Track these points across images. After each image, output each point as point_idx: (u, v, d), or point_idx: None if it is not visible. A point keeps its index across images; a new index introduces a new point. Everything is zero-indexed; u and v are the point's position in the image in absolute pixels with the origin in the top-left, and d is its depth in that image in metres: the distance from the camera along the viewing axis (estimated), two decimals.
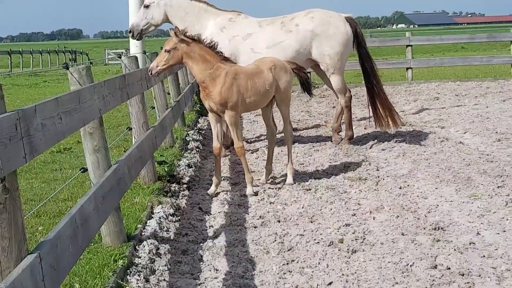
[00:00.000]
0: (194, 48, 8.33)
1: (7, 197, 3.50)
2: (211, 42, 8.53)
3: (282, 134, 9.63)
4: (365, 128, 13.27)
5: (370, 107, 11.91)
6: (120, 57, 9.48)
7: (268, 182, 9.22)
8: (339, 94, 11.63)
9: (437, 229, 6.76)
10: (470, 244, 6.29)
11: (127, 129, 9.67)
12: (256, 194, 8.63)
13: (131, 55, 10.71)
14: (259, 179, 9.34)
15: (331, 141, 11.93)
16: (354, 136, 11.94)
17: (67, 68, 5.90)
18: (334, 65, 11.35)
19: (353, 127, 12.10)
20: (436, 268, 5.77)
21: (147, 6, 11.29)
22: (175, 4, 11.35)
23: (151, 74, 8.41)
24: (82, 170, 6.24)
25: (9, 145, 3.48)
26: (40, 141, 3.96)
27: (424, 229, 6.80)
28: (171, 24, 11.38)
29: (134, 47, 12.01)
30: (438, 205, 7.65)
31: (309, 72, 13.85)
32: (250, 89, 8.51)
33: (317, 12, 11.49)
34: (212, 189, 8.79)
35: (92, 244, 6.04)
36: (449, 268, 5.73)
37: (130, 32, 11.26)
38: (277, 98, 8.89)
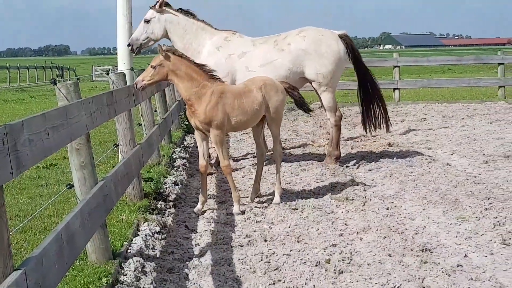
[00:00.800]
0: (180, 66, 8.35)
1: None
2: (197, 62, 8.58)
3: (271, 153, 9.58)
4: (351, 148, 13.29)
5: (363, 106, 12.03)
6: (107, 74, 9.43)
7: (255, 201, 9.18)
8: (329, 112, 11.64)
9: (424, 250, 6.74)
10: (457, 266, 6.27)
11: (113, 145, 9.62)
12: (243, 212, 8.59)
13: (118, 71, 10.65)
14: (246, 198, 9.30)
15: (319, 161, 11.93)
16: (341, 156, 11.94)
17: (55, 84, 5.87)
18: (327, 83, 11.40)
19: (341, 147, 12.11)
20: None
21: (147, 21, 11.46)
22: (175, 21, 11.51)
23: (136, 87, 8.44)
24: (68, 186, 6.19)
25: None
26: (27, 157, 3.92)
27: (412, 250, 6.78)
28: (169, 40, 11.59)
29: (122, 63, 11.95)
30: (425, 227, 7.65)
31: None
32: (237, 109, 8.49)
33: (309, 31, 11.57)
34: (198, 207, 8.75)
35: (78, 261, 5.98)
36: None
37: (129, 45, 11.24)
38: (267, 117, 8.86)
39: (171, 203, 9.04)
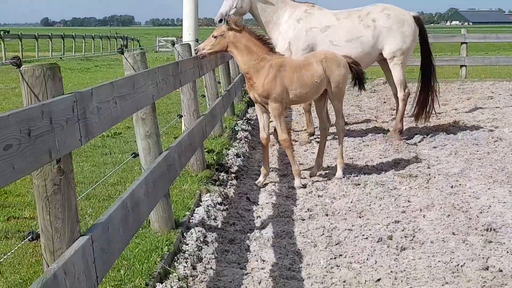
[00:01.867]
0: (241, 38, 8.36)
1: (62, 178, 3.51)
2: (260, 34, 8.57)
3: (334, 128, 9.51)
4: (416, 125, 13.07)
5: (418, 99, 12.26)
6: (173, 45, 9.48)
7: (317, 175, 9.14)
8: (399, 86, 11.79)
9: (489, 230, 6.61)
10: None
11: (178, 116, 9.70)
12: (304, 186, 8.57)
13: (184, 42, 10.70)
14: (309, 172, 9.28)
15: (383, 136, 11.87)
16: (406, 133, 11.84)
17: (122, 53, 5.91)
18: (402, 59, 11.69)
19: (404, 124, 12.03)
20: (487, 269, 5.65)
21: None
22: None
23: (196, 53, 8.53)
24: (133, 155, 6.25)
25: (66, 127, 3.48)
26: (95, 124, 3.97)
27: (476, 229, 6.67)
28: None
29: (187, 35, 12.00)
30: (490, 206, 7.49)
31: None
32: (295, 82, 8.43)
33: (392, 9, 11.80)
34: (260, 180, 8.76)
35: (141, 229, 6.05)
36: (501, 271, 5.61)
37: (221, 21, 11.02)
38: (329, 92, 8.78)
39: (233, 175, 9.08)
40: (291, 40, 11.28)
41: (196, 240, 6.17)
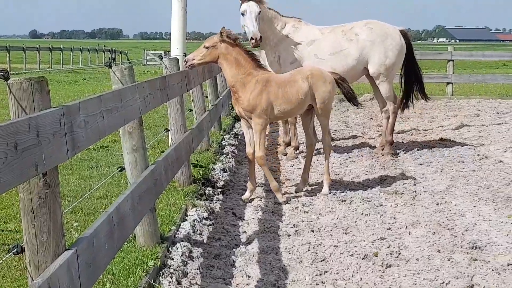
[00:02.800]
0: (232, 51, 8.42)
1: (48, 192, 3.50)
2: (250, 49, 8.72)
3: (321, 144, 9.53)
4: (402, 142, 13.13)
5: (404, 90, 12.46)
6: (161, 58, 9.50)
7: (303, 191, 9.15)
8: (388, 101, 11.95)
9: (474, 248, 6.64)
10: (508, 265, 6.16)
11: (165, 130, 9.69)
12: (286, 202, 8.56)
13: (171, 56, 10.70)
14: (295, 188, 9.29)
15: (370, 152, 11.93)
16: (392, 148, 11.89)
17: (110, 67, 5.91)
18: (387, 74, 11.75)
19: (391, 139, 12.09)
20: None
21: (259, 12, 11.06)
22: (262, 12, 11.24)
23: (185, 65, 8.55)
24: (120, 169, 6.24)
25: (53, 140, 3.48)
26: (82, 138, 3.96)
27: (461, 247, 6.69)
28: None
29: (175, 48, 12.01)
30: (476, 224, 7.52)
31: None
32: (280, 98, 8.48)
33: (375, 24, 11.91)
34: (246, 195, 8.76)
35: (126, 243, 6.03)
36: None
37: (253, 39, 10.90)
38: (315, 108, 8.81)
39: (219, 190, 9.07)
40: (280, 54, 11.40)
41: (182, 255, 6.16)
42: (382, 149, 11.88)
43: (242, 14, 11.01)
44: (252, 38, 10.81)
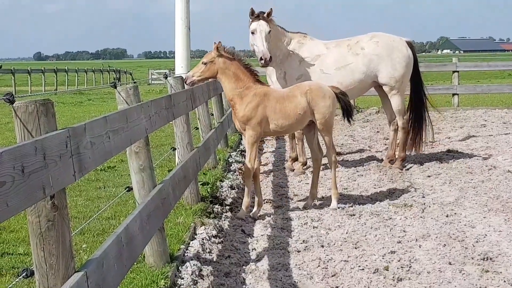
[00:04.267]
0: (230, 65, 8.53)
1: (56, 214, 3.50)
2: (248, 63, 8.79)
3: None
4: (410, 154, 13.09)
5: (412, 130, 12.17)
6: (166, 77, 9.51)
7: (311, 206, 9.12)
8: (398, 115, 11.89)
9: (485, 259, 6.59)
10: None
11: (171, 149, 9.69)
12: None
13: (176, 75, 10.72)
14: (303, 203, 9.26)
15: (377, 165, 11.90)
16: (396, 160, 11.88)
17: (115, 87, 5.91)
18: (398, 87, 11.72)
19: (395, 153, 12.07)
20: None
21: (269, 32, 11.10)
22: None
23: (185, 83, 8.68)
24: (127, 189, 6.23)
25: (59, 162, 3.47)
26: (89, 159, 3.96)
27: (472, 259, 6.64)
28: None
29: (180, 67, 12.05)
30: (486, 235, 7.47)
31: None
32: (278, 112, 8.55)
33: (381, 36, 11.90)
34: (254, 211, 8.74)
35: (135, 263, 6.00)
36: None
37: (270, 58, 10.94)
38: (316, 123, 8.79)
39: (227, 207, 9.05)
40: (286, 70, 11.43)
41: (192, 274, 6.13)
42: (390, 162, 11.85)
43: (252, 33, 11.03)
44: (261, 58, 10.85)
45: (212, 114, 13.66)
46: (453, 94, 22.02)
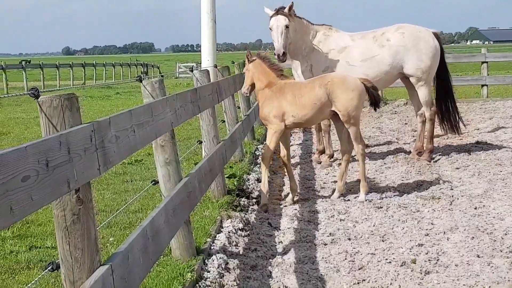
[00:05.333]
0: (257, 67, 8.99)
1: (81, 208, 3.50)
2: (273, 62, 9.32)
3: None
4: (438, 146, 12.97)
5: (441, 104, 12.23)
6: (191, 71, 9.52)
7: (339, 199, 9.08)
8: (425, 106, 11.78)
9: None
10: None
11: (197, 142, 9.71)
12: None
13: (202, 68, 10.72)
14: (331, 196, 9.23)
15: (405, 157, 11.83)
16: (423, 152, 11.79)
17: (141, 81, 5.92)
18: (425, 78, 11.63)
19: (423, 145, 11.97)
20: None
21: (287, 26, 11.06)
22: (292, 23, 11.23)
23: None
24: (153, 182, 6.24)
25: (84, 156, 3.48)
26: (113, 153, 3.96)
27: (501, 251, 6.56)
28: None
29: (206, 60, 12.05)
30: None
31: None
32: (296, 104, 8.72)
33: (407, 28, 11.80)
34: (289, 197, 9.00)
35: (162, 256, 6.02)
36: None
37: (283, 53, 10.93)
38: (339, 115, 8.75)
39: (254, 200, 9.04)
40: (312, 63, 11.40)
41: (218, 267, 6.13)
42: (418, 154, 11.76)
43: (270, 29, 11.04)
44: (275, 54, 10.92)
45: (239, 107, 13.65)
46: (482, 85, 21.79)
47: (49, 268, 3.58)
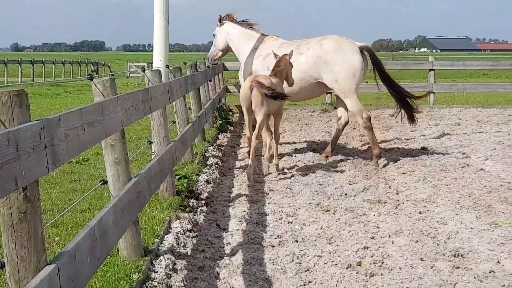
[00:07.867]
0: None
1: (28, 207, 3.49)
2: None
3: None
4: (385, 151, 13.17)
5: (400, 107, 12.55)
6: (143, 70, 9.48)
7: (287, 203, 9.17)
8: (356, 116, 12.07)
9: (456, 256, 6.66)
10: (490, 272, 6.19)
11: (147, 142, 9.67)
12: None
13: (154, 68, 10.68)
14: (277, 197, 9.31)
15: (353, 161, 12.00)
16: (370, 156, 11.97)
17: (92, 80, 5.89)
18: (344, 90, 11.86)
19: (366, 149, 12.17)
20: None
21: (214, 35, 13.43)
22: (231, 31, 13.28)
23: None
24: (102, 182, 6.21)
25: (33, 154, 3.46)
26: (63, 151, 3.94)
27: (444, 255, 6.71)
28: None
29: (158, 60, 12.01)
30: (458, 232, 7.56)
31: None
32: None
33: (328, 40, 12.12)
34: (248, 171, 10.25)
35: (109, 256, 6.00)
36: None
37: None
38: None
39: (203, 201, 9.05)
40: (243, 67, 12.82)
41: (165, 268, 6.13)
42: (325, 158, 12.25)
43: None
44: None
45: (190, 108, 13.64)
46: (429, 92, 22.16)
47: None
